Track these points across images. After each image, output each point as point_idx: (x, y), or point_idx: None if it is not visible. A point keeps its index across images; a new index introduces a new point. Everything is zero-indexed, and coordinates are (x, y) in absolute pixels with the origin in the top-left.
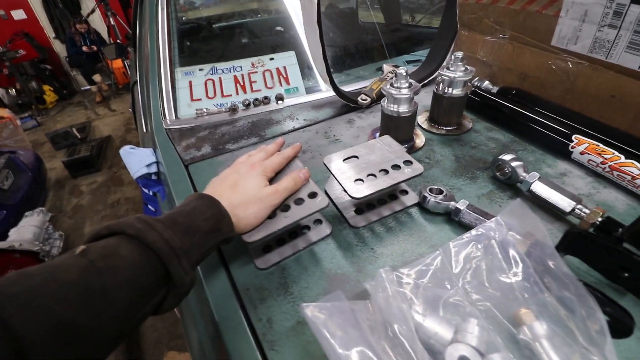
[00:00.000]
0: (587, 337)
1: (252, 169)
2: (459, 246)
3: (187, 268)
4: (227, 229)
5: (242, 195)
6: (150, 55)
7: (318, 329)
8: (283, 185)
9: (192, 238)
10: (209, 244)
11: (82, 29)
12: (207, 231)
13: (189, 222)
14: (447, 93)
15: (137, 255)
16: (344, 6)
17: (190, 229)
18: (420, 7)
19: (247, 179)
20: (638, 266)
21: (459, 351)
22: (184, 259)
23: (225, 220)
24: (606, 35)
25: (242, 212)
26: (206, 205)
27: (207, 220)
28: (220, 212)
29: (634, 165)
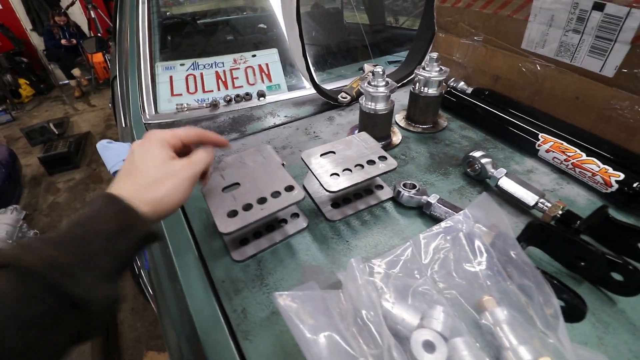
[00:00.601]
0: (544, 322)
1: (147, 143)
2: (428, 238)
3: (92, 282)
4: (139, 224)
5: (144, 177)
6: (130, 49)
7: (289, 316)
8: (196, 156)
9: (89, 247)
10: (120, 246)
11: (61, 21)
12: (111, 234)
13: (83, 230)
14: (423, 92)
15: (15, 287)
16: (329, 6)
17: (86, 238)
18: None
19: (146, 156)
20: (593, 256)
21: (423, 336)
22: (83, 273)
23: (132, 214)
24: (571, 40)
25: (153, 196)
26: (104, 206)
27: (109, 221)
28: (123, 208)
29: (594, 163)
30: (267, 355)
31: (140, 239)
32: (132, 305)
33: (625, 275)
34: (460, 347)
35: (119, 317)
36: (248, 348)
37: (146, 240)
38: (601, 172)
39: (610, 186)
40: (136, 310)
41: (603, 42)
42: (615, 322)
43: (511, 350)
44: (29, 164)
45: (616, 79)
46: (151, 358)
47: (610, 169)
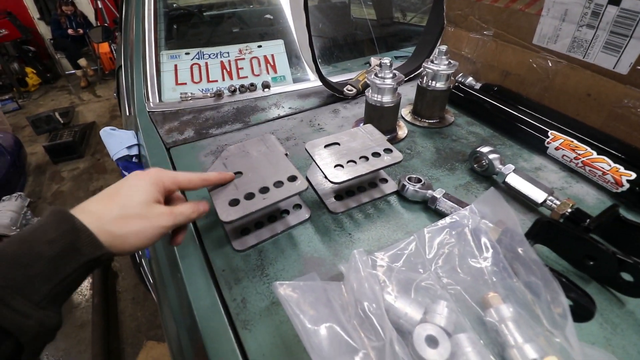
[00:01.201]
0: (551, 320)
1: (143, 175)
2: (433, 232)
3: (25, 309)
4: (87, 248)
5: (119, 207)
6: (136, 37)
7: (289, 306)
8: (180, 209)
9: (27, 270)
10: (63, 270)
11: (68, 10)
12: (54, 256)
13: (22, 250)
14: (430, 86)
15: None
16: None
17: (23, 259)
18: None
19: (132, 189)
20: (603, 255)
21: (427, 331)
22: (16, 299)
23: (82, 237)
24: (584, 35)
25: (118, 229)
26: (53, 223)
27: (53, 242)
28: (73, 228)
29: (605, 161)
30: (266, 345)
31: (86, 263)
32: (132, 295)
33: (635, 276)
34: (464, 344)
35: (120, 306)
36: (247, 337)
37: (94, 264)
38: (612, 171)
39: (621, 185)
40: (137, 300)
41: (618, 37)
42: (624, 323)
43: (516, 348)
44: (34, 153)
45: (630, 76)
46: (151, 347)
47: (621, 168)
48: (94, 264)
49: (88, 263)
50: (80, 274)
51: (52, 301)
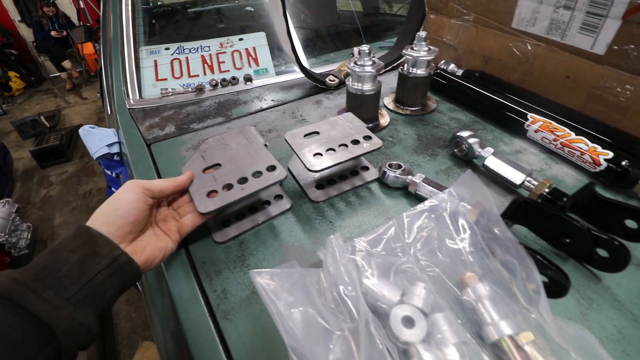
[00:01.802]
0: (527, 298)
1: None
2: (412, 217)
3: (56, 301)
4: (105, 250)
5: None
6: (114, 34)
7: (265, 292)
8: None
9: (56, 272)
10: (88, 272)
11: (49, 12)
12: (77, 261)
13: (50, 259)
14: (411, 73)
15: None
16: None
17: (52, 265)
18: None
19: (120, 192)
20: (578, 232)
21: (403, 312)
22: (47, 292)
23: (100, 242)
24: (561, 17)
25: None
26: (73, 235)
27: (75, 250)
28: (90, 237)
29: (583, 142)
30: (246, 333)
31: (109, 266)
32: (126, 297)
33: (610, 251)
34: (440, 323)
35: (114, 308)
36: (227, 327)
37: (118, 266)
38: (590, 151)
39: (599, 165)
40: (131, 301)
41: (594, 18)
42: (600, 298)
43: (492, 325)
44: (20, 158)
45: (607, 57)
46: (147, 348)
47: (599, 147)
48: (117, 269)
49: (110, 266)
50: (106, 277)
51: (83, 301)
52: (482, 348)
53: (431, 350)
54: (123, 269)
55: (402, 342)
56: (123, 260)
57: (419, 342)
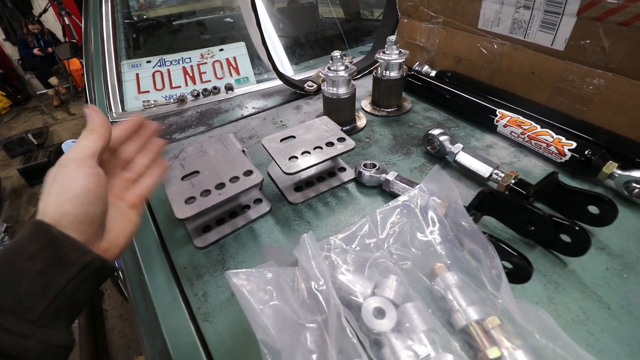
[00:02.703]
0: (493, 284)
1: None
2: (384, 213)
3: (22, 329)
4: (74, 256)
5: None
6: (95, 49)
7: (239, 291)
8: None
9: (13, 290)
10: (55, 284)
11: (34, 29)
12: (40, 271)
13: (3, 271)
14: (385, 76)
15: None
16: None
17: (7, 280)
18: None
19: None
20: (540, 219)
21: (375, 303)
22: (9, 320)
23: (65, 245)
24: (522, 16)
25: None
26: (30, 237)
27: (35, 257)
28: (52, 238)
29: (548, 134)
30: (226, 334)
31: (80, 272)
32: (120, 312)
33: (572, 236)
34: (410, 312)
35: (108, 324)
36: (207, 329)
37: (91, 271)
38: (555, 142)
39: (564, 155)
40: (125, 316)
41: (552, 16)
42: (566, 282)
43: (460, 311)
44: (8, 177)
45: (567, 52)
46: None
47: (563, 138)
48: (88, 274)
49: (81, 273)
50: (77, 286)
51: (54, 318)
52: (451, 335)
53: (401, 339)
54: (96, 273)
55: (374, 333)
56: (97, 264)
57: (390, 332)
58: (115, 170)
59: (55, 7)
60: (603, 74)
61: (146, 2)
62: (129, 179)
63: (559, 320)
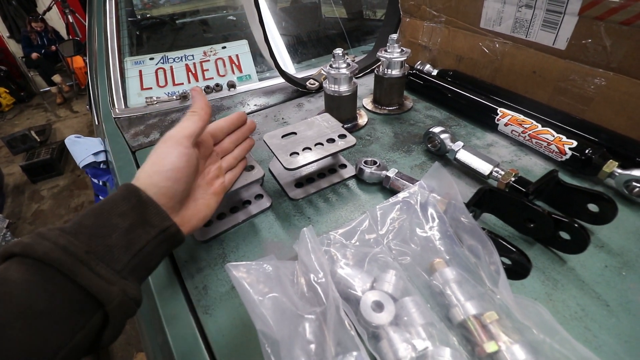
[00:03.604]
0: (492, 280)
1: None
2: (384, 209)
3: (109, 275)
4: (155, 219)
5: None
6: (99, 46)
7: (238, 282)
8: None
9: (105, 240)
10: (138, 241)
11: (38, 27)
12: (127, 228)
13: (99, 222)
14: (386, 74)
15: (29, 276)
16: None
17: (101, 230)
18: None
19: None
20: (540, 216)
21: (373, 297)
22: (100, 265)
23: (150, 209)
24: (524, 15)
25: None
26: (121, 197)
27: (124, 215)
28: (140, 201)
29: (549, 132)
30: (225, 326)
31: (157, 236)
32: None
33: (571, 234)
34: (408, 306)
35: None
36: (207, 321)
37: (166, 239)
38: (555, 141)
39: (565, 154)
40: None
41: (553, 15)
42: (565, 279)
43: (458, 306)
44: (11, 173)
45: (568, 51)
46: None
47: (564, 137)
48: (164, 237)
49: (159, 236)
50: (154, 247)
51: (131, 272)
52: (449, 329)
53: (399, 332)
54: (170, 239)
55: (372, 326)
56: (172, 230)
57: (388, 325)
58: (214, 157)
59: (59, 5)
60: (604, 73)
61: (150, 1)
62: (222, 168)
63: (557, 317)
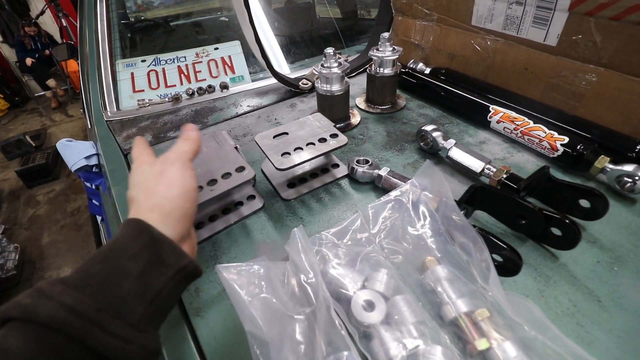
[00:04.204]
0: (483, 277)
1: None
2: (376, 208)
3: (125, 332)
4: (171, 259)
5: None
6: (90, 49)
7: (228, 283)
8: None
9: (116, 290)
10: (154, 286)
11: (31, 31)
12: (141, 272)
13: (107, 268)
14: (378, 73)
15: (32, 345)
16: (301, 1)
17: (111, 278)
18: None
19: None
20: (530, 213)
21: (365, 296)
22: (114, 323)
23: (165, 248)
24: (515, 12)
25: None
26: (131, 236)
27: (136, 257)
28: (152, 239)
29: (541, 129)
30: (217, 328)
31: (174, 276)
32: None
33: (562, 230)
34: (399, 304)
35: None
36: (199, 323)
37: (182, 277)
38: (547, 137)
39: (556, 150)
40: None
41: (544, 11)
42: (557, 275)
43: (450, 304)
44: (6, 179)
45: (559, 48)
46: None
47: (555, 133)
48: (181, 277)
49: (176, 276)
50: (171, 289)
51: (149, 322)
52: (441, 327)
53: (391, 331)
54: (189, 276)
55: (363, 325)
56: (190, 268)
57: (380, 324)
58: None
59: (52, 8)
60: (595, 69)
61: (144, 4)
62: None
63: (549, 313)
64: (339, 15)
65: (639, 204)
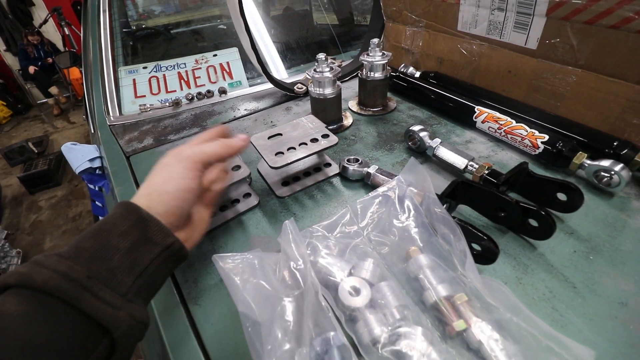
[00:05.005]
0: (463, 265)
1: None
2: (364, 203)
3: (114, 299)
4: (158, 237)
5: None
6: (93, 56)
7: (224, 271)
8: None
9: (107, 263)
10: (141, 261)
11: (34, 40)
12: (129, 248)
13: (98, 243)
14: (369, 77)
15: (28, 308)
16: (299, 9)
17: (101, 252)
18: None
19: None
20: (508, 205)
21: (351, 282)
22: (104, 290)
23: (151, 226)
24: (497, 18)
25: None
26: (121, 216)
27: (125, 234)
28: (140, 219)
29: (523, 128)
30: (214, 315)
31: (161, 254)
32: None
33: (539, 221)
34: (384, 290)
35: None
36: (197, 312)
37: (170, 256)
38: (529, 136)
39: (537, 148)
40: None
41: (524, 17)
42: (534, 264)
43: (431, 289)
44: (9, 185)
45: (539, 51)
46: None
47: (536, 132)
48: (168, 255)
49: (163, 253)
50: (159, 266)
51: (137, 294)
52: (423, 312)
53: (375, 313)
54: (174, 256)
55: (349, 309)
56: (176, 247)
57: (365, 307)
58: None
59: (55, 17)
60: (573, 70)
61: (145, 12)
62: (209, 180)
63: (526, 299)
64: (336, 21)
65: (616, 197)
